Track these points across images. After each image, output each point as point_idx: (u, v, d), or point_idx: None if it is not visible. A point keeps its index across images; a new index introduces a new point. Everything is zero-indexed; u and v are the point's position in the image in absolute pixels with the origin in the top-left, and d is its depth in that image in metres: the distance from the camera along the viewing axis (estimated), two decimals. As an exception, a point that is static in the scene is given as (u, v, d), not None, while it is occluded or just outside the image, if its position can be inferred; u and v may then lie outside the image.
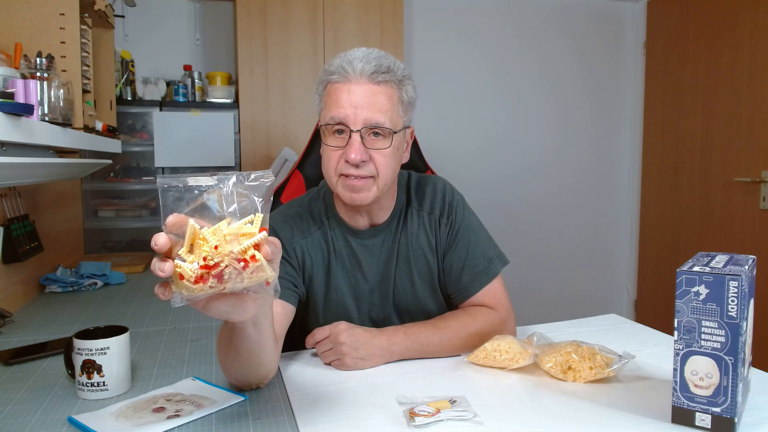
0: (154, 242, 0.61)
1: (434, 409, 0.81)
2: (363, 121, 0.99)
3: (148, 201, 2.53)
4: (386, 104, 1.01)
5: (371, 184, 1.03)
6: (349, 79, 1.00)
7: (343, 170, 1.02)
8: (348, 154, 1.00)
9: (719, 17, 2.95)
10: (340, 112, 1.00)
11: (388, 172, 1.04)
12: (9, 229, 1.52)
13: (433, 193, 1.17)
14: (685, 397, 0.77)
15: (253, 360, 0.85)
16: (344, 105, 1.00)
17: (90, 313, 1.50)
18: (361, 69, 1.00)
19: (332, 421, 0.82)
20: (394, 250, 1.14)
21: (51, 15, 1.47)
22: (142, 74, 2.65)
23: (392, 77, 1.02)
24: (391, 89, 1.02)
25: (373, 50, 1.04)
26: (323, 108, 1.05)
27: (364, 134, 1.00)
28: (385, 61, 1.02)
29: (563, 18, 3.41)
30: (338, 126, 1.01)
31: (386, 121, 1.01)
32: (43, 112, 1.29)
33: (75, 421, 0.82)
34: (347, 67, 1.00)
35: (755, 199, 2.79)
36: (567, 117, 3.48)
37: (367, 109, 0.99)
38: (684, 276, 0.76)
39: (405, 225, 1.15)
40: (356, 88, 1.00)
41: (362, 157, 1.00)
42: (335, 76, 1.02)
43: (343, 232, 1.14)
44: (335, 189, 1.06)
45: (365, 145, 1.01)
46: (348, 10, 2.67)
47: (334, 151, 1.03)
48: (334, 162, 1.03)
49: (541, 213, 3.48)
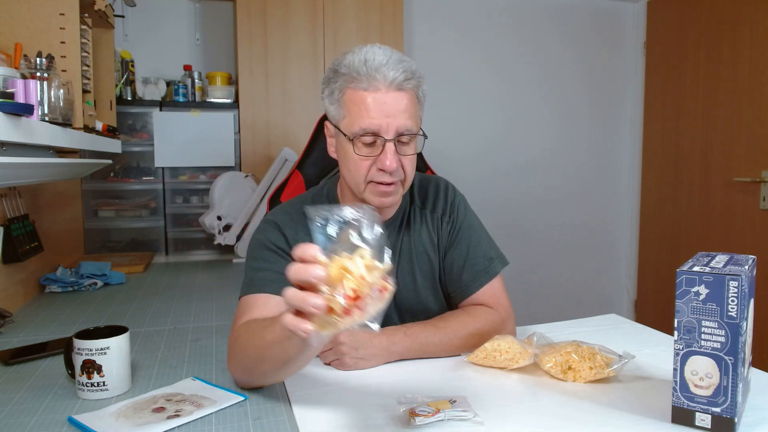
0: (313, 275, 0.61)
1: (434, 409, 0.81)
2: (395, 129, 0.99)
3: (148, 201, 2.53)
4: (411, 108, 1.01)
5: (399, 188, 1.05)
6: (378, 87, 0.98)
7: (374, 178, 1.02)
8: (383, 162, 0.99)
9: (719, 17, 2.95)
10: (373, 123, 0.98)
11: (412, 174, 1.07)
12: (9, 229, 1.52)
13: (435, 193, 1.19)
14: (685, 397, 0.77)
15: (280, 371, 0.87)
16: (376, 115, 0.98)
17: (90, 313, 1.50)
18: (392, 78, 0.97)
19: (332, 421, 0.82)
20: (397, 248, 1.15)
21: (51, 15, 1.47)
22: (142, 74, 2.65)
23: (415, 81, 1.02)
24: (413, 92, 1.03)
25: (391, 51, 1.01)
26: (346, 116, 1.01)
27: (395, 142, 1.01)
28: (407, 64, 1.01)
29: (563, 18, 3.41)
30: (370, 137, 0.99)
31: (414, 126, 1.01)
32: (43, 112, 1.29)
33: (75, 421, 0.82)
34: (375, 74, 0.97)
35: (755, 199, 2.79)
36: (567, 117, 3.48)
37: (398, 117, 0.99)
38: (684, 276, 0.76)
39: (408, 223, 1.17)
40: (386, 96, 0.98)
41: (397, 164, 1.01)
42: (361, 83, 0.98)
43: None
44: (362, 194, 1.05)
45: (396, 152, 1.01)
46: (348, 10, 2.67)
47: (363, 161, 1.01)
48: (365, 170, 1.02)
49: (541, 213, 3.47)
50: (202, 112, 2.56)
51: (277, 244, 1.06)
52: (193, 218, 2.55)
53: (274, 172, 2.35)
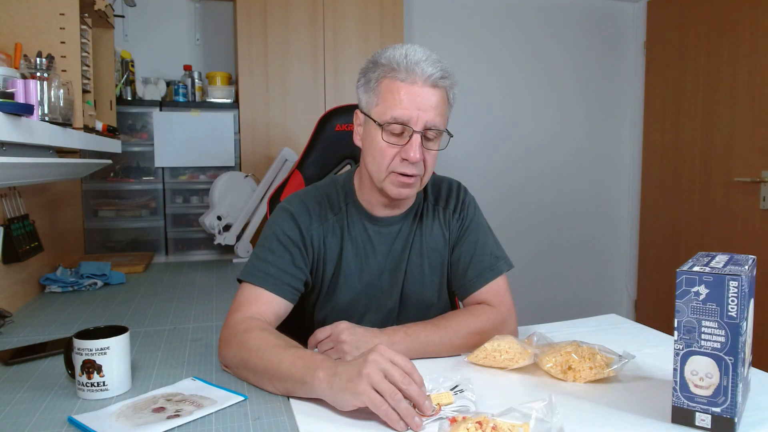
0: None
1: (436, 406, 0.81)
2: (424, 123, 1.02)
3: (148, 201, 2.53)
4: (442, 107, 1.05)
5: (417, 181, 1.08)
6: (415, 81, 1.02)
7: (397, 168, 1.05)
8: (408, 153, 1.02)
9: (719, 17, 2.95)
10: (404, 113, 1.02)
11: (431, 170, 1.10)
12: (9, 229, 1.52)
13: (448, 191, 1.22)
14: (685, 397, 0.77)
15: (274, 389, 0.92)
16: (408, 106, 1.01)
17: (90, 313, 1.50)
18: (430, 73, 1.02)
19: (332, 421, 0.82)
20: (409, 241, 1.18)
21: (51, 15, 1.47)
22: (142, 74, 2.65)
23: (449, 82, 1.06)
24: (445, 93, 1.06)
25: (427, 50, 1.05)
26: (380, 103, 1.05)
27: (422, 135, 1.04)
28: (444, 65, 1.05)
29: (563, 18, 3.41)
30: (399, 125, 1.03)
31: (441, 124, 1.05)
32: (43, 112, 1.29)
33: (75, 421, 0.82)
34: (415, 68, 1.02)
35: (755, 199, 2.79)
36: (567, 117, 3.48)
37: (428, 112, 1.02)
38: (684, 276, 0.76)
39: (421, 218, 1.19)
40: (421, 90, 1.02)
41: (421, 157, 1.03)
42: (399, 74, 1.02)
43: (360, 218, 1.17)
44: (381, 183, 1.08)
45: (422, 146, 1.04)
46: (348, 10, 2.67)
47: (390, 148, 1.05)
48: (388, 159, 1.05)
49: (541, 213, 3.48)
50: (202, 112, 2.56)
51: (289, 235, 1.09)
52: (193, 218, 2.55)
53: (274, 172, 2.35)
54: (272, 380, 0.90)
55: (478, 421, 0.69)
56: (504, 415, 0.72)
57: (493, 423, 0.69)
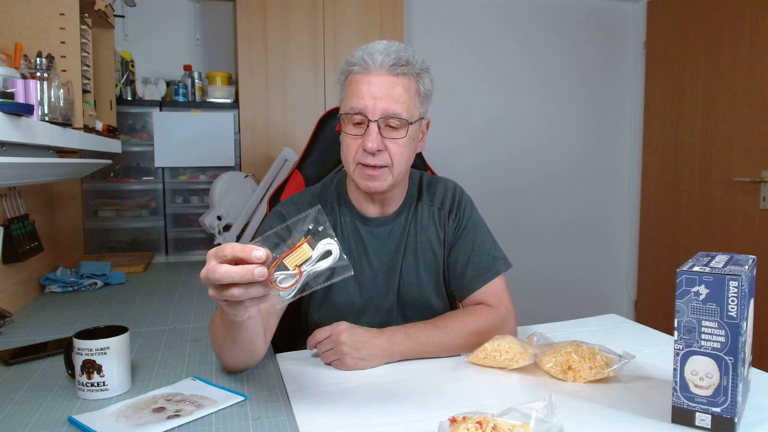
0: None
1: (295, 269, 0.74)
2: (381, 111, 1.03)
3: (148, 201, 2.53)
4: (404, 96, 1.05)
5: (387, 174, 1.07)
6: (369, 70, 1.04)
7: (360, 159, 1.06)
8: (365, 143, 1.03)
9: (719, 17, 2.95)
10: (360, 103, 1.03)
11: (401, 161, 1.08)
12: (9, 229, 1.52)
13: (444, 191, 1.22)
14: (685, 397, 0.77)
15: (247, 347, 0.93)
16: (364, 96, 1.03)
17: (90, 313, 1.50)
18: (381, 61, 1.03)
19: (332, 421, 0.82)
20: (403, 241, 1.17)
21: (51, 15, 1.47)
22: (142, 74, 2.65)
23: (411, 70, 1.06)
24: (409, 81, 1.06)
25: (393, 43, 1.07)
26: (344, 97, 1.08)
27: (381, 124, 1.04)
28: (404, 54, 1.06)
29: (563, 18, 3.41)
30: (358, 116, 1.04)
31: (403, 112, 1.04)
32: (43, 112, 1.29)
33: (75, 421, 0.82)
34: (368, 59, 1.04)
35: (755, 199, 2.79)
36: (567, 117, 3.48)
37: (385, 100, 1.03)
38: (684, 276, 0.76)
39: (415, 217, 1.19)
40: (376, 79, 1.03)
41: (378, 146, 1.03)
42: (356, 67, 1.05)
43: (352, 219, 1.17)
44: (352, 176, 1.09)
45: (382, 135, 1.04)
46: (348, 10, 2.66)
47: (353, 140, 1.06)
48: (353, 150, 1.07)
49: (541, 213, 3.47)
50: (202, 112, 2.56)
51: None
52: (193, 218, 2.55)
53: (274, 172, 2.35)
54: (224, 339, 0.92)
55: (478, 421, 0.69)
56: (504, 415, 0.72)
57: (493, 423, 0.69)
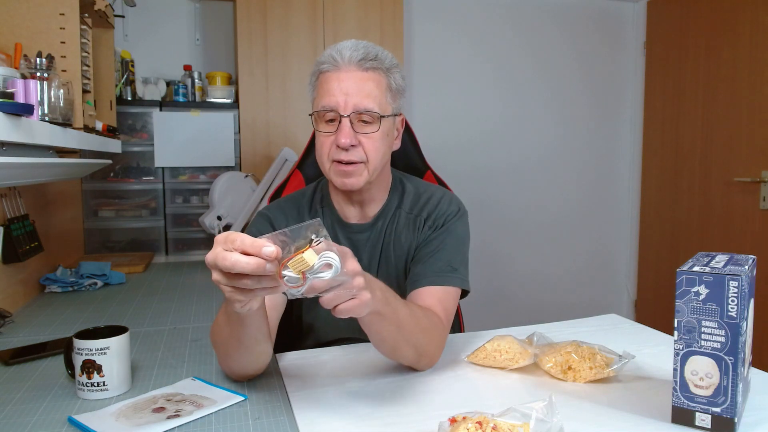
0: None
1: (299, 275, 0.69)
2: (353, 106, 1.02)
3: (148, 201, 2.53)
4: (375, 90, 1.04)
5: (362, 170, 1.06)
6: (339, 67, 1.03)
7: (334, 156, 1.05)
8: (338, 138, 1.03)
9: (719, 17, 2.95)
10: (331, 100, 1.03)
11: (377, 156, 1.06)
12: (9, 229, 1.52)
13: (427, 199, 1.16)
14: (685, 397, 0.77)
15: (253, 347, 0.88)
16: (335, 92, 1.03)
17: (90, 313, 1.50)
18: (350, 56, 1.03)
19: (332, 421, 0.82)
20: (377, 250, 1.16)
21: (51, 15, 1.47)
22: (142, 74, 2.65)
23: (380, 65, 1.05)
24: (379, 76, 1.05)
25: (361, 41, 1.07)
26: (315, 97, 1.08)
27: (353, 119, 1.03)
28: (373, 49, 1.05)
29: (563, 18, 3.41)
30: (330, 113, 1.04)
31: (375, 107, 1.03)
32: (43, 112, 1.29)
33: (75, 421, 0.82)
34: (336, 55, 1.04)
35: (755, 199, 2.79)
36: (567, 117, 3.48)
37: (356, 95, 1.02)
38: (684, 276, 0.76)
39: (392, 224, 1.16)
40: (345, 75, 1.03)
41: (351, 141, 1.03)
42: (326, 65, 1.05)
43: (333, 222, 1.16)
44: (328, 175, 1.09)
45: (355, 130, 1.04)
46: (348, 10, 2.67)
47: (326, 137, 1.06)
48: (327, 148, 1.06)
49: (541, 213, 3.47)
50: (202, 112, 2.56)
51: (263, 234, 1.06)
52: (193, 218, 2.55)
53: (274, 172, 2.35)
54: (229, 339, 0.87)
55: (478, 421, 0.69)
56: (504, 415, 0.72)
57: (493, 423, 0.69)
